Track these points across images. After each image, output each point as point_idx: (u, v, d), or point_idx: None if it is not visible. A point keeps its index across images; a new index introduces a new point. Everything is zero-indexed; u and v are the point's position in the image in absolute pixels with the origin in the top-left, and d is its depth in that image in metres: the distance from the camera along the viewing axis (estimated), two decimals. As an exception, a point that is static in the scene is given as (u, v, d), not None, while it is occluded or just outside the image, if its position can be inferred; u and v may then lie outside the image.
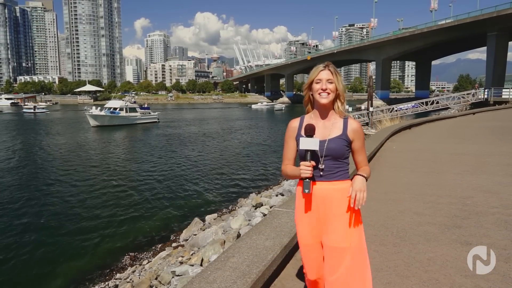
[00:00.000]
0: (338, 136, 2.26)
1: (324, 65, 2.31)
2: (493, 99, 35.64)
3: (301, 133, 2.33)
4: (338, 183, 2.26)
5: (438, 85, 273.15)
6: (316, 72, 2.30)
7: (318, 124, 2.31)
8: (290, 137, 2.40)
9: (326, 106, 2.28)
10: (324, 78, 2.26)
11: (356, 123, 2.32)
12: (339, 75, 2.30)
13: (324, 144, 2.24)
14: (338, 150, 2.23)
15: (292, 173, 2.34)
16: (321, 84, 2.26)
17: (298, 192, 2.38)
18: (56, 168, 20.62)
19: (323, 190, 2.26)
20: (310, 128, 2.22)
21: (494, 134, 13.97)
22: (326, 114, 2.33)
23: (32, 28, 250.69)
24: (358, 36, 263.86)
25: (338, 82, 2.27)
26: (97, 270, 8.72)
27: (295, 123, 2.41)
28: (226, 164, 21.61)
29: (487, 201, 5.39)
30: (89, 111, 46.88)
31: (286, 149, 2.42)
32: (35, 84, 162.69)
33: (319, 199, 2.27)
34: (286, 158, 2.42)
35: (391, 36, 79.79)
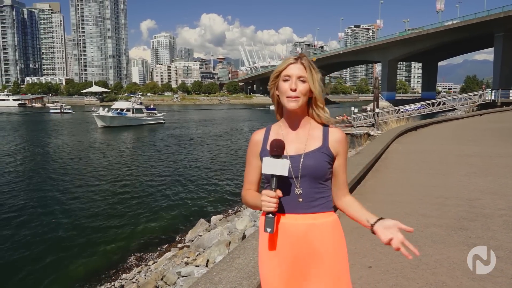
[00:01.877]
0: (318, 149, 1.71)
1: (296, 56, 1.76)
2: (501, 100, 35.38)
3: (266, 147, 1.75)
4: (319, 216, 1.68)
5: (445, 86, 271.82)
6: (285, 64, 1.74)
7: (290, 135, 1.77)
8: (252, 155, 1.84)
9: (297, 112, 1.74)
10: (294, 75, 1.70)
11: (339, 132, 1.78)
12: (315, 71, 1.73)
13: (299, 161, 1.68)
14: (318, 168, 1.67)
15: (253, 202, 1.77)
16: (289, 83, 1.70)
17: (261, 226, 1.74)
18: (63, 168, 20.75)
19: (299, 227, 1.67)
20: (277, 144, 1.62)
21: (501, 136, 13.86)
22: (300, 121, 1.78)
23: (39, 29, 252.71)
24: (364, 37, 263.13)
25: (314, 81, 1.71)
26: (103, 270, 8.75)
27: (259, 136, 1.84)
28: (232, 165, 21.63)
29: (494, 203, 5.35)
30: (96, 112, 47.19)
31: (248, 169, 1.87)
32: (42, 85, 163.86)
33: (294, 237, 1.67)
34: (247, 182, 1.87)
35: (397, 37, 79.48)
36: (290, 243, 1.67)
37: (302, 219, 1.67)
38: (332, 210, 1.74)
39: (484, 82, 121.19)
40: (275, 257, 1.70)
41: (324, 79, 3.78)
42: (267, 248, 1.72)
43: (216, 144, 32.09)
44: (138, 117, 49.68)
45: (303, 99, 1.70)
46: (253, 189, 1.84)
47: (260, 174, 1.82)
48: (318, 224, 1.67)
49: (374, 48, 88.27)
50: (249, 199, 1.81)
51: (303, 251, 1.66)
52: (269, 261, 1.72)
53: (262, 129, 1.88)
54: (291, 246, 1.67)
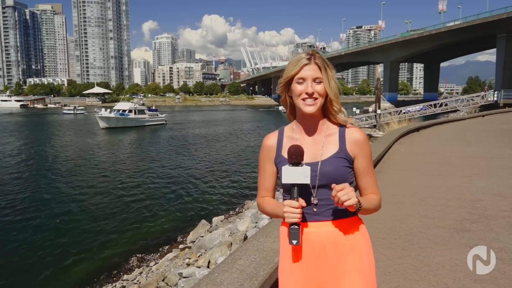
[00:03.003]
0: (335, 154, 1.60)
1: (308, 55, 1.61)
2: (503, 102, 35.31)
3: (281, 153, 1.66)
4: (343, 222, 1.59)
5: (447, 87, 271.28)
6: (297, 66, 1.59)
7: (305, 140, 1.65)
8: (266, 160, 1.72)
9: (314, 114, 1.62)
10: (310, 77, 1.58)
11: (357, 132, 1.65)
12: (330, 68, 1.62)
13: (316, 169, 1.57)
14: (337, 175, 1.56)
15: (272, 211, 1.67)
16: (305, 86, 1.58)
17: (283, 236, 1.65)
18: (65, 169, 20.79)
19: (321, 235, 1.58)
20: (296, 151, 1.51)
21: (503, 137, 13.82)
22: (315, 124, 1.67)
23: (41, 31, 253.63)
24: (365, 38, 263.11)
25: (330, 80, 1.59)
26: (104, 271, 8.76)
27: (272, 140, 1.72)
28: (233, 166, 21.64)
29: (496, 204, 5.33)
30: (99, 113, 47.31)
31: (262, 176, 1.75)
32: (44, 86, 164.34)
33: (318, 247, 1.58)
34: (263, 189, 1.75)
35: (399, 38, 79.36)
36: (315, 254, 1.58)
37: (326, 226, 1.58)
38: (356, 215, 1.63)
39: (487, 83, 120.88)
40: (298, 268, 1.60)
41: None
42: (290, 260, 1.61)
43: (217, 145, 32.11)
44: (140, 118, 49.77)
45: (321, 101, 1.60)
46: (269, 196, 1.75)
47: (275, 180, 1.73)
48: (343, 230, 1.58)
49: (376, 49, 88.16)
50: (266, 207, 1.71)
51: (328, 261, 1.57)
52: (290, 269, 1.62)
53: (273, 132, 1.76)
54: (315, 256, 1.58)
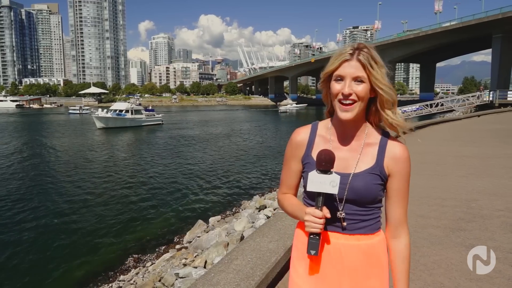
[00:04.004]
0: (369, 169, 1.42)
1: (352, 49, 1.40)
2: (498, 102, 35.44)
3: (311, 154, 1.49)
4: (365, 238, 1.44)
5: (443, 87, 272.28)
6: (337, 61, 1.40)
7: (340, 146, 1.47)
8: (292, 157, 1.56)
9: (352, 119, 1.42)
10: (349, 75, 1.38)
11: (400, 147, 1.44)
12: (379, 66, 1.39)
13: (347, 181, 1.41)
14: (368, 193, 1.41)
15: (292, 212, 1.54)
16: (342, 85, 1.38)
17: (299, 240, 1.54)
18: (61, 170, 20.69)
19: (341, 247, 1.44)
20: (326, 158, 1.34)
21: (499, 137, 13.89)
22: (355, 128, 1.47)
23: (37, 30, 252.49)
24: (362, 38, 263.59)
25: (375, 80, 1.37)
26: (100, 272, 8.73)
27: (303, 136, 1.54)
28: (230, 166, 21.62)
29: (492, 204, 5.36)
30: (95, 113, 47.16)
31: (286, 172, 1.60)
32: (40, 86, 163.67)
33: (336, 257, 1.45)
34: (285, 185, 1.61)
35: (395, 38, 79.62)
36: (331, 265, 1.45)
37: (345, 239, 1.44)
38: (380, 230, 1.49)
39: (482, 83, 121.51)
40: (313, 280, 1.48)
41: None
42: (306, 269, 1.49)
43: (214, 145, 32.07)
44: (137, 118, 49.64)
45: (360, 105, 1.39)
46: (291, 194, 1.61)
47: (299, 179, 1.58)
48: (363, 245, 1.44)
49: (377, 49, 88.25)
50: (287, 206, 1.57)
51: (343, 274, 1.44)
52: (303, 280, 1.50)
53: (305, 127, 1.57)
54: (331, 268, 1.45)
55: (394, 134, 1.52)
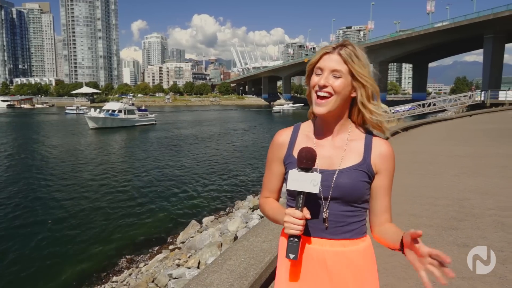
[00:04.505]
0: (356, 165, 1.38)
1: (337, 44, 1.39)
2: (490, 101, 35.81)
3: (293, 153, 1.44)
4: (350, 243, 1.39)
5: (435, 87, 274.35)
6: (319, 54, 1.39)
7: (323, 142, 1.44)
8: (274, 159, 1.51)
9: (329, 116, 1.40)
10: (328, 68, 1.35)
11: (385, 145, 1.44)
12: (362, 63, 1.37)
13: (332, 178, 1.36)
14: (354, 190, 1.36)
15: (273, 216, 1.47)
16: (320, 77, 1.36)
17: (282, 247, 1.46)
18: (53, 171, 20.52)
19: (325, 254, 1.37)
20: (307, 155, 1.29)
21: (490, 136, 14.01)
22: (337, 126, 1.44)
23: (28, 30, 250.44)
24: (355, 38, 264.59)
25: (358, 72, 1.35)
26: (93, 273, 8.67)
27: (284, 137, 1.50)
28: (223, 166, 21.59)
29: (484, 203, 5.40)
30: (88, 113, 46.83)
31: (268, 175, 1.54)
32: (32, 86, 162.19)
33: (320, 265, 1.38)
34: (267, 189, 1.55)
35: (388, 39, 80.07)
36: (314, 273, 1.38)
37: (330, 245, 1.37)
38: (365, 235, 1.45)
39: (474, 83, 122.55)
40: (295, 285, 1.41)
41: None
42: (287, 276, 1.42)
43: (207, 145, 32.01)
44: (130, 118, 49.39)
45: (337, 100, 1.35)
46: (273, 198, 1.54)
47: (282, 182, 1.52)
48: (348, 252, 1.37)
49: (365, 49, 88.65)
50: (268, 210, 1.50)
51: (328, 283, 1.37)
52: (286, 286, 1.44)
53: (287, 128, 1.53)
54: (315, 275, 1.38)
55: (378, 133, 1.50)
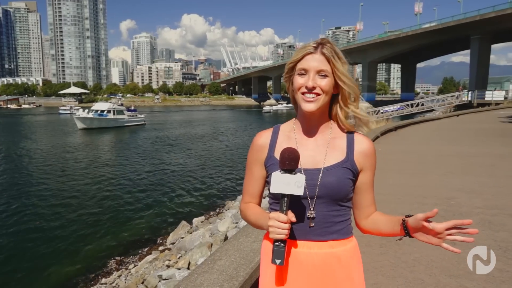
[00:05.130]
0: (340, 163, 1.36)
1: (316, 43, 1.36)
2: (477, 101, 36.37)
3: (274, 155, 1.40)
4: (338, 244, 1.36)
5: (423, 88, 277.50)
6: (301, 53, 1.36)
7: (305, 141, 1.41)
8: (254, 162, 1.47)
9: (316, 113, 1.37)
10: (312, 68, 1.32)
11: (367, 142, 1.41)
12: (342, 62, 1.35)
13: (317, 177, 1.33)
14: (340, 187, 1.33)
15: (256, 221, 1.43)
16: (306, 79, 1.33)
17: (265, 252, 1.45)
18: (41, 172, 20.24)
19: (313, 256, 1.34)
20: (290, 156, 1.24)
21: (477, 136, 14.22)
22: (319, 124, 1.42)
23: (15, 29, 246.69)
24: (344, 39, 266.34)
25: (340, 73, 1.34)
26: (81, 275, 8.58)
27: (264, 139, 1.46)
28: (213, 167, 21.53)
29: (471, 201, 5.48)
30: (76, 113, 46.27)
31: (248, 179, 1.50)
32: (18, 86, 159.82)
33: (308, 268, 1.35)
34: (247, 193, 1.51)
35: (376, 39, 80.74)
36: (303, 277, 1.34)
37: (318, 247, 1.34)
38: (352, 235, 1.43)
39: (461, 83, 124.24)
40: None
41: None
42: (273, 281, 1.37)
43: (197, 145, 31.90)
44: (119, 119, 48.96)
45: (324, 98, 1.34)
46: (254, 203, 1.51)
47: (263, 185, 1.49)
48: (337, 253, 1.35)
49: (355, 50, 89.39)
50: (250, 215, 1.46)
51: (318, 286, 1.34)
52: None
53: (267, 130, 1.49)
54: (304, 281, 1.34)
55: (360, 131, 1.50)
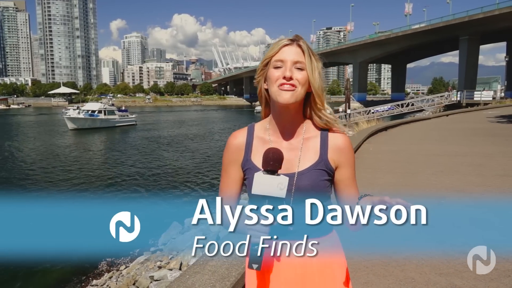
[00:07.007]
0: (314, 165, 1.34)
1: (291, 38, 1.34)
2: (466, 101, 36.78)
3: (250, 158, 1.38)
4: (319, 241, 1.29)
5: (413, 88, 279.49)
6: (277, 47, 1.32)
7: (279, 144, 1.37)
8: (230, 163, 1.43)
9: (291, 108, 1.33)
10: (289, 59, 1.29)
11: (341, 137, 1.38)
12: (316, 58, 1.35)
13: (292, 183, 1.30)
14: (316, 191, 1.31)
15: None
16: (283, 70, 1.29)
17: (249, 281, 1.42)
18: (31, 173, 20.03)
19: (293, 258, 1.29)
20: (274, 157, 1.22)
21: (466, 135, 14.38)
22: (293, 124, 1.38)
23: (3, 28, 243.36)
24: (335, 39, 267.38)
25: (313, 71, 1.32)
26: (72, 277, 8.51)
27: (240, 139, 1.43)
28: (205, 166, 21.48)
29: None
30: (67, 113, 45.79)
31: (225, 181, 1.45)
32: (7, 86, 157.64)
33: (289, 269, 1.34)
34: (224, 195, 1.44)
35: (367, 40, 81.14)
36: (285, 278, 1.33)
37: (297, 248, 1.29)
38: (332, 230, 1.41)
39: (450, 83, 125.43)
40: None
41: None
42: (254, 282, 1.37)
43: (189, 145, 31.80)
44: (110, 119, 48.55)
45: (301, 91, 1.30)
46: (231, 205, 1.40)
47: (240, 187, 1.44)
48: (320, 252, 1.29)
49: (346, 50, 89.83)
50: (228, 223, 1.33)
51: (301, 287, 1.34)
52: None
53: (241, 130, 1.47)
54: (286, 282, 1.33)
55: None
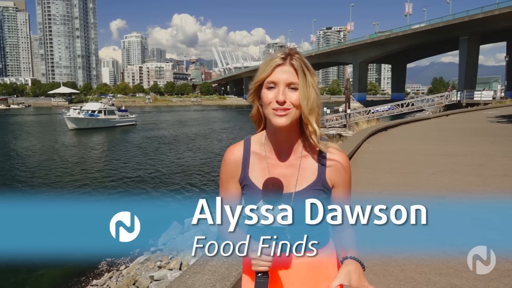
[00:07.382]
0: (312, 185, 1.32)
1: (284, 54, 1.27)
2: (466, 101, 36.79)
3: (248, 175, 1.36)
4: (317, 253, 1.26)
5: (413, 88, 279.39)
6: (269, 67, 1.27)
7: (276, 162, 1.35)
8: (229, 178, 1.40)
9: (287, 128, 1.28)
10: (282, 81, 1.25)
11: (340, 156, 1.35)
12: (311, 73, 1.27)
13: (290, 203, 1.25)
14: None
15: (233, 242, 1.30)
16: (276, 93, 1.25)
17: (246, 279, 1.43)
18: (30, 172, 20.03)
19: (292, 270, 1.32)
20: (274, 189, 1.21)
21: (466, 135, 14.38)
22: (290, 141, 1.34)
23: (3, 28, 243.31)
24: (335, 39, 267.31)
25: (308, 87, 1.25)
26: (72, 277, 8.51)
27: (237, 155, 1.40)
28: (205, 167, 21.48)
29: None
30: (67, 113, 45.78)
31: (225, 196, 1.38)
32: (7, 86, 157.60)
33: (290, 282, 1.33)
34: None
35: (367, 40, 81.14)
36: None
37: (297, 263, 1.31)
38: (329, 240, 1.39)
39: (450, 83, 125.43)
40: None
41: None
42: None
43: (189, 145, 31.80)
44: (110, 119, 48.53)
45: (295, 112, 1.25)
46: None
47: (239, 201, 1.40)
48: (316, 263, 1.31)
49: (346, 50, 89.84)
50: (228, 236, 1.31)
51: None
52: None
53: (237, 144, 1.43)
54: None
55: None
